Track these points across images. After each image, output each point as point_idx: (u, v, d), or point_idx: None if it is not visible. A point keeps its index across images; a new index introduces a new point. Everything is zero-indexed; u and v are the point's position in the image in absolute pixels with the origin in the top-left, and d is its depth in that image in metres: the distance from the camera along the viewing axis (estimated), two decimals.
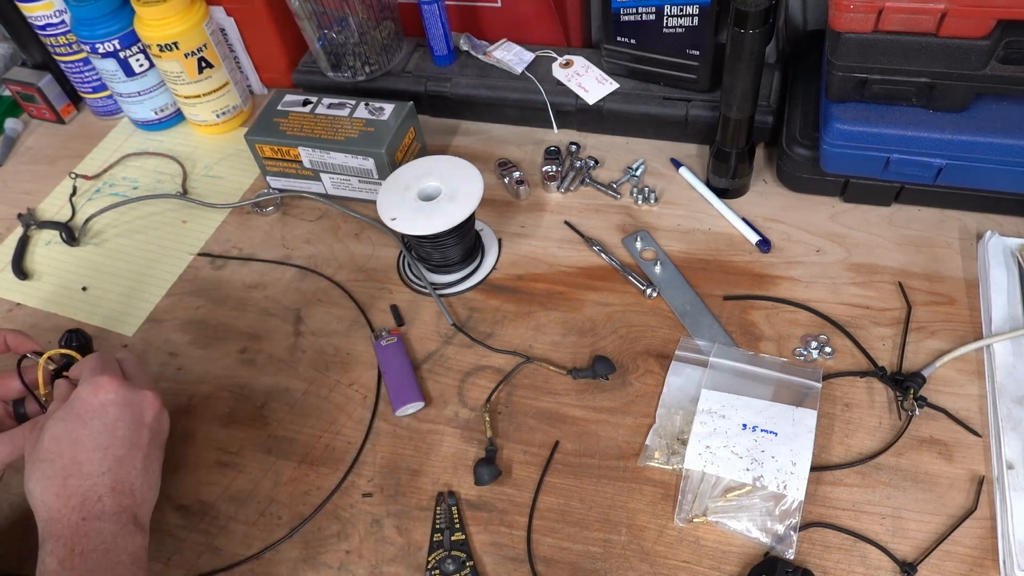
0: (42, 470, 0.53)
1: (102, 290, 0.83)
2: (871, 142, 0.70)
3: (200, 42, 0.88)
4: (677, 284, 0.74)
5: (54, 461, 0.53)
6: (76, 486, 0.52)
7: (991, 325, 0.66)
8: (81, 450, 0.53)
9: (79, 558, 0.50)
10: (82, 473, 0.53)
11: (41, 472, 0.53)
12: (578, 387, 0.68)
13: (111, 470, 0.53)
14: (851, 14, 0.62)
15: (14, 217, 0.91)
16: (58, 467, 0.53)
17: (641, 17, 0.80)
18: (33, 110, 1.02)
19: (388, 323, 0.75)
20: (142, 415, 0.57)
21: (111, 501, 0.53)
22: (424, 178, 0.73)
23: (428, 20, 0.87)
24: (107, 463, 0.54)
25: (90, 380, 0.56)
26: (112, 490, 0.53)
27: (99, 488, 0.53)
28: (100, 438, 0.54)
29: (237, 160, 0.93)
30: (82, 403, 0.55)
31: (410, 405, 0.68)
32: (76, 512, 0.52)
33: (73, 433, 0.54)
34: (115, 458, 0.54)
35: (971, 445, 0.62)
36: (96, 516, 0.52)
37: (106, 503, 0.52)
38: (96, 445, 0.54)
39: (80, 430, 0.54)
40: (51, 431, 0.54)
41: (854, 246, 0.75)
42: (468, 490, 0.64)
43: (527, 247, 0.79)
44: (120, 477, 0.54)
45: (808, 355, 0.68)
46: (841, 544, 0.58)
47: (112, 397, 0.55)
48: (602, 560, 0.59)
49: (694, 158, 0.85)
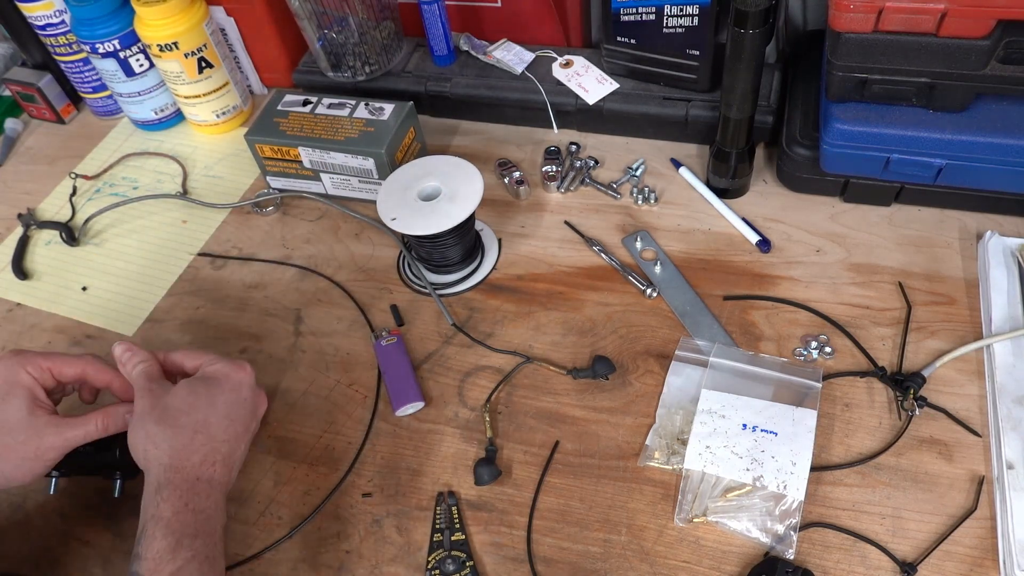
0: (175, 418, 0.56)
1: (102, 290, 0.83)
2: (871, 142, 0.70)
3: (200, 42, 0.88)
4: (677, 284, 0.74)
5: (189, 413, 0.56)
6: (201, 443, 0.55)
7: (991, 325, 0.66)
8: (213, 413, 0.57)
9: (191, 514, 0.52)
10: (209, 433, 0.56)
11: (173, 419, 0.55)
12: (578, 387, 0.68)
13: (229, 441, 0.57)
14: (851, 14, 0.62)
15: (14, 217, 0.91)
16: (192, 419, 0.56)
17: (641, 17, 0.80)
18: (33, 110, 1.02)
19: (388, 323, 0.75)
20: (258, 408, 0.61)
21: (221, 470, 0.56)
22: (424, 178, 0.73)
23: (428, 20, 0.87)
24: (230, 433, 0.57)
25: (230, 363, 0.60)
26: (224, 460, 0.56)
27: (216, 454, 0.56)
28: (232, 409, 0.58)
29: (237, 160, 0.93)
30: (224, 375, 0.59)
31: (410, 405, 0.68)
32: (196, 468, 0.54)
33: (212, 396, 0.57)
34: (235, 433, 0.57)
35: (971, 445, 0.62)
36: (207, 480, 0.55)
37: (217, 470, 0.55)
38: (227, 414, 0.57)
39: (219, 396, 0.58)
40: (190, 387, 0.58)
41: (854, 246, 0.75)
42: (468, 490, 0.64)
43: (527, 247, 0.79)
44: (233, 451, 0.57)
45: (808, 355, 0.68)
46: (841, 544, 0.58)
47: (249, 380, 0.60)
48: (602, 560, 0.59)
49: (694, 158, 0.85)
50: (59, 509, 0.66)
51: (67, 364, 0.61)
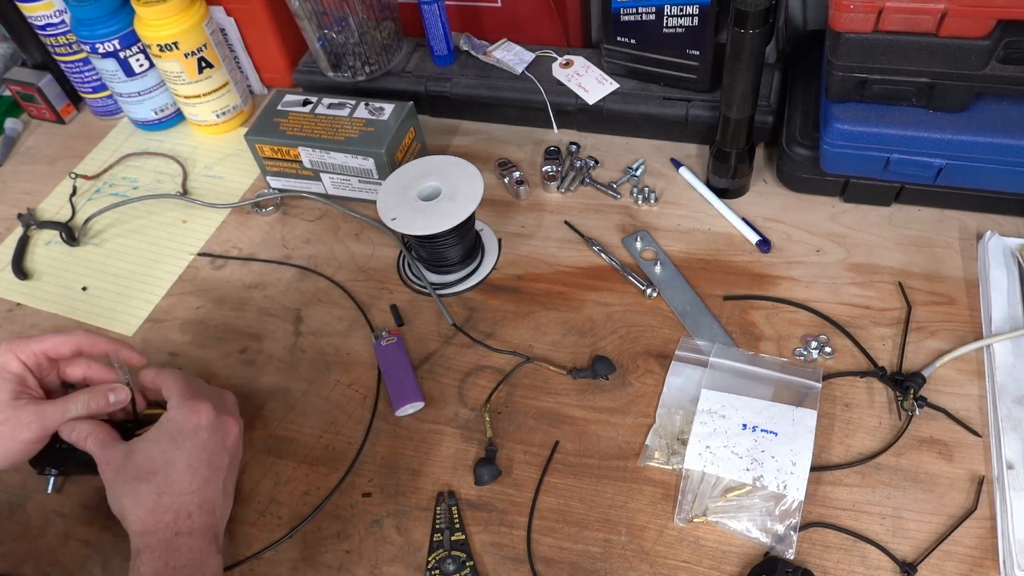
0: (135, 488, 0.56)
1: (102, 290, 0.83)
2: (871, 142, 0.70)
3: (200, 42, 0.88)
4: (677, 284, 0.74)
5: (148, 480, 0.56)
6: (169, 503, 0.55)
7: (991, 325, 0.66)
8: (173, 470, 0.56)
9: (172, 572, 0.53)
10: (174, 491, 0.56)
11: (135, 489, 0.56)
12: (578, 387, 0.68)
13: (199, 489, 0.57)
14: (851, 14, 0.62)
15: (14, 217, 0.91)
16: (152, 485, 0.56)
17: (641, 17, 0.80)
18: (33, 110, 1.02)
19: (388, 323, 0.75)
20: (225, 440, 0.60)
21: (199, 519, 0.56)
22: (424, 178, 0.73)
23: (428, 20, 0.87)
24: (196, 483, 0.57)
25: (185, 404, 0.59)
26: (200, 508, 0.56)
27: (189, 506, 0.56)
28: (191, 459, 0.57)
29: (237, 160, 0.93)
30: (176, 425, 0.58)
31: (410, 405, 0.68)
32: (169, 528, 0.55)
33: (167, 454, 0.57)
34: (203, 479, 0.57)
35: (971, 445, 0.62)
36: (187, 532, 0.55)
37: (195, 520, 0.56)
38: (187, 466, 0.57)
39: (173, 451, 0.57)
40: (144, 452, 0.57)
41: (854, 246, 0.75)
42: (468, 490, 0.64)
43: (527, 247, 0.79)
44: (206, 496, 0.57)
45: (808, 355, 0.68)
46: (841, 544, 0.58)
47: (204, 422, 0.59)
48: (602, 560, 0.59)
49: (694, 158, 0.85)
50: (59, 509, 0.66)
51: (61, 343, 0.62)
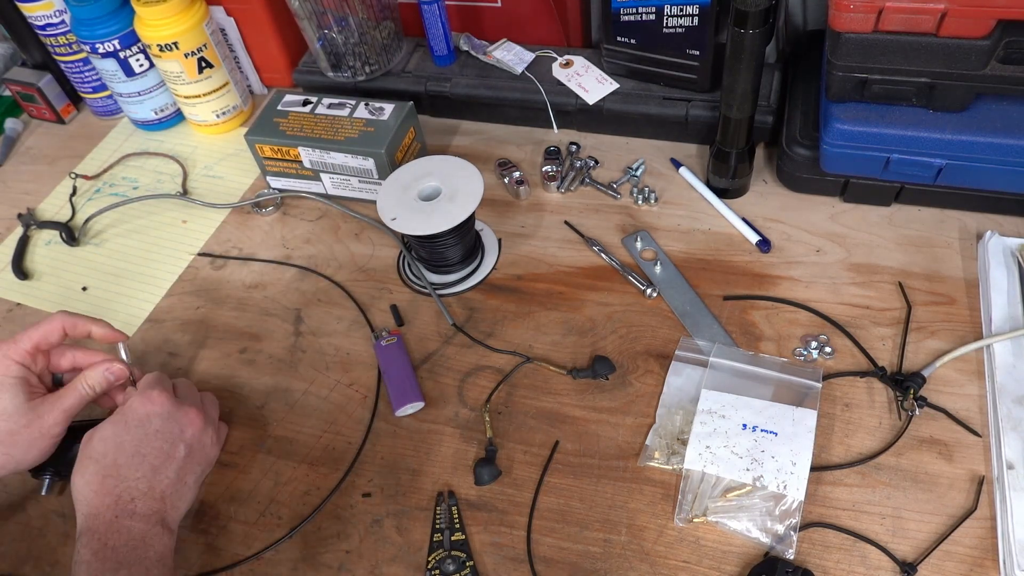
0: (86, 467, 0.58)
1: (102, 290, 0.83)
2: (871, 142, 0.70)
3: (200, 42, 0.88)
4: (677, 284, 0.74)
5: (98, 460, 0.58)
6: (112, 486, 0.57)
7: (991, 325, 0.66)
8: (121, 454, 0.58)
9: (110, 551, 0.54)
10: (119, 475, 0.57)
11: (85, 468, 0.58)
12: (578, 387, 0.68)
13: (145, 476, 0.58)
14: (851, 14, 0.62)
15: (14, 217, 0.91)
16: (100, 467, 0.58)
17: (641, 17, 0.80)
18: (33, 110, 1.02)
19: (388, 323, 0.75)
20: (182, 431, 0.61)
21: (143, 504, 0.57)
22: (424, 178, 0.73)
23: (428, 20, 0.87)
24: (143, 469, 0.58)
25: (142, 392, 0.61)
26: (145, 494, 0.57)
27: (132, 491, 0.57)
28: (140, 446, 0.59)
29: (237, 160, 0.93)
30: (131, 412, 0.60)
31: (410, 405, 0.68)
32: (111, 510, 0.56)
33: (118, 437, 0.59)
34: (151, 466, 0.58)
35: (971, 445, 0.62)
36: (128, 515, 0.56)
37: (138, 504, 0.57)
38: (135, 451, 0.58)
39: (124, 435, 0.59)
40: (100, 432, 0.59)
41: (854, 246, 0.75)
42: (468, 490, 0.64)
43: (527, 247, 0.79)
44: (153, 484, 0.58)
45: (808, 355, 0.68)
46: (841, 544, 0.58)
47: (157, 410, 0.60)
48: (602, 560, 0.59)
49: (694, 158, 0.85)
50: (59, 509, 0.66)
51: (48, 332, 0.63)
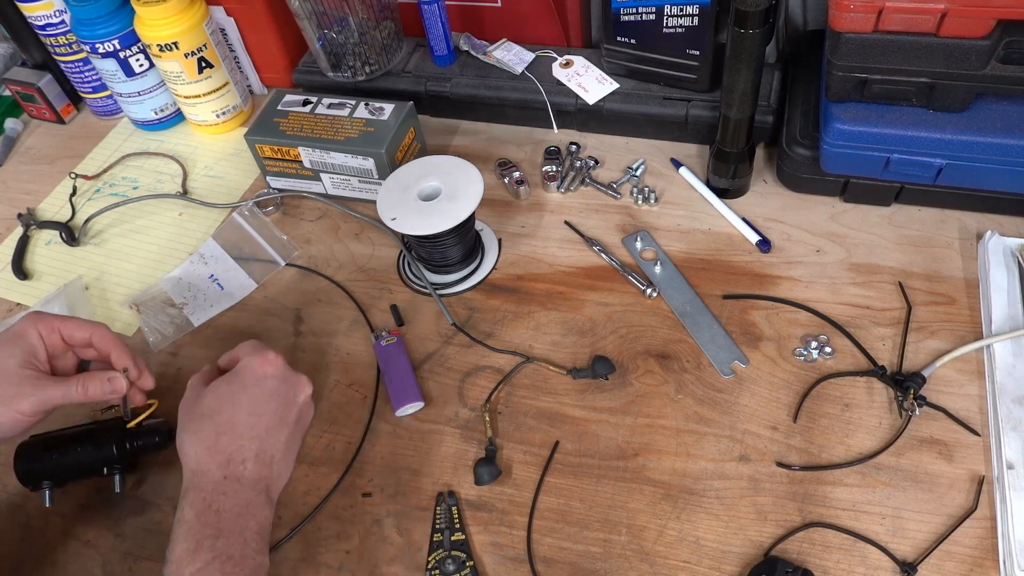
0: (199, 423, 0.57)
1: (102, 290, 0.83)
2: (871, 142, 0.70)
3: (200, 42, 0.88)
4: (677, 284, 0.74)
5: (212, 417, 0.57)
6: (227, 443, 0.56)
7: (991, 325, 0.66)
8: (238, 412, 0.57)
9: (214, 515, 0.53)
10: (234, 433, 0.56)
11: (198, 425, 0.57)
12: (578, 387, 0.68)
13: (259, 437, 0.57)
14: (851, 14, 0.62)
15: (14, 217, 0.91)
16: (215, 423, 0.57)
17: (641, 17, 0.80)
18: (33, 110, 1.02)
19: (388, 323, 0.75)
20: (296, 395, 0.61)
21: (253, 467, 0.56)
22: (424, 178, 0.73)
23: (428, 20, 0.87)
24: (257, 430, 0.57)
25: (258, 352, 0.61)
26: (256, 457, 0.56)
27: (245, 451, 0.56)
28: (256, 405, 0.58)
29: (237, 160, 0.93)
30: (248, 371, 0.60)
31: (410, 405, 0.68)
32: (221, 469, 0.55)
33: (234, 395, 0.58)
34: (265, 427, 0.57)
35: (971, 445, 0.62)
36: (236, 478, 0.55)
37: (248, 467, 0.56)
38: (251, 410, 0.58)
39: (241, 394, 0.58)
40: (215, 390, 0.59)
41: (854, 246, 0.75)
42: (468, 490, 0.64)
43: (527, 247, 0.79)
44: (265, 447, 0.57)
45: (808, 355, 0.68)
46: (841, 544, 0.58)
47: (274, 371, 0.60)
48: (602, 560, 0.59)
49: (694, 158, 0.85)
50: (59, 509, 0.66)
51: (78, 328, 0.63)
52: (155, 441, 0.65)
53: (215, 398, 0.58)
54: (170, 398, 0.71)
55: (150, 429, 0.65)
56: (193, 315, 0.78)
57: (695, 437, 0.64)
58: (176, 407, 0.70)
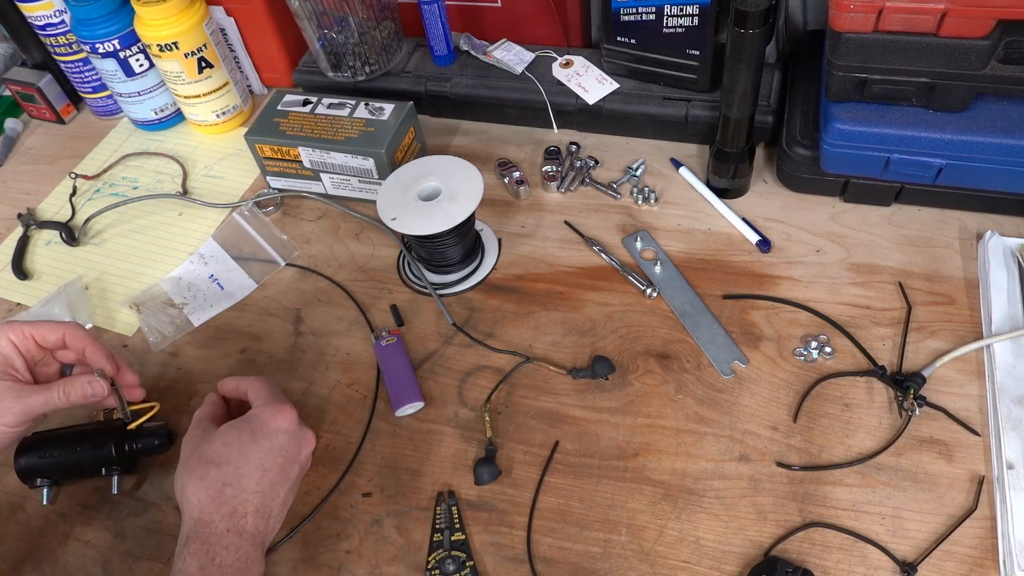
0: (205, 469, 0.56)
1: (102, 290, 0.83)
2: (871, 142, 0.70)
3: (200, 42, 0.88)
4: (677, 284, 0.74)
5: (220, 466, 0.56)
6: (231, 496, 0.55)
7: (991, 325, 0.66)
8: (245, 464, 0.56)
9: (217, 569, 0.52)
10: (239, 485, 0.55)
11: (204, 471, 0.56)
12: (578, 387, 0.68)
13: (262, 492, 0.56)
14: (851, 14, 0.62)
15: (14, 217, 0.91)
16: (222, 472, 0.55)
17: (641, 17, 0.80)
18: (33, 110, 1.02)
19: (388, 323, 0.75)
20: (300, 451, 0.59)
21: (253, 521, 0.55)
22: (424, 178, 0.73)
23: (428, 20, 0.87)
24: (263, 484, 0.56)
25: (273, 404, 0.59)
26: (256, 511, 0.55)
27: (248, 505, 0.55)
28: (265, 459, 0.57)
29: (237, 160, 0.93)
30: (261, 422, 0.58)
31: (410, 405, 0.68)
32: (224, 521, 0.54)
33: (244, 446, 0.57)
34: (270, 482, 0.57)
35: (971, 445, 0.62)
36: (238, 531, 0.54)
37: (249, 521, 0.55)
38: (259, 464, 0.56)
39: (251, 445, 0.57)
40: (224, 437, 0.57)
41: (854, 246, 0.75)
42: (468, 490, 0.64)
43: (527, 247, 0.79)
44: (266, 501, 0.56)
45: (808, 355, 0.68)
46: (841, 544, 0.58)
47: (288, 426, 0.59)
48: (602, 560, 0.59)
49: (694, 158, 0.85)
50: (59, 509, 0.66)
51: (50, 330, 0.62)
52: (155, 444, 0.65)
53: (224, 445, 0.57)
54: (170, 398, 0.71)
55: (150, 432, 0.65)
56: (193, 315, 0.78)
57: (695, 437, 0.64)
58: (176, 408, 0.71)
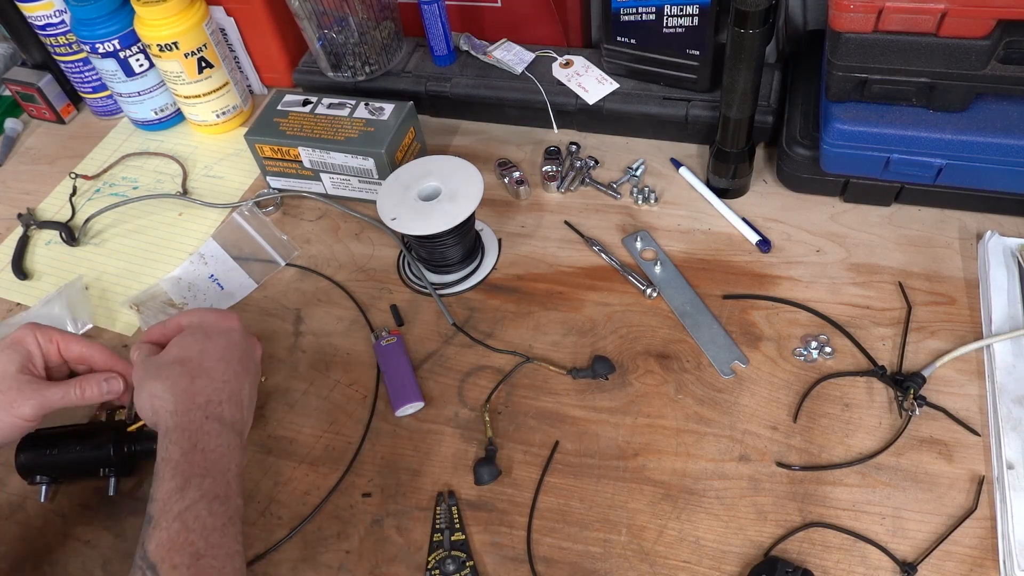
0: (171, 370, 0.58)
1: (102, 290, 0.83)
2: (871, 142, 0.70)
3: (200, 42, 0.88)
4: (677, 284, 0.74)
5: (184, 363, 0.58)
6: (203, 386, 0.57)
7: (991, 325, 0.66)
8: (207, 358, 0.59)
9: (200, 454, 0.54)
10: (208, 376, 0.58)
11: (170, 372, 0.57)
12: (578, 387, 0.68)
13: (230, 381, 0.58)
14: (851, 14, 0.62)
15: (14, 217, 0.91)
16: (187, 368, 0.58)
17: (641, 17, 0.80)
18: (33, 110, 1.02)
19: (388, 323, 0.75)
20: (252, 351, 0.63)
21: (229, 409, 0.57)
22: (424, 178, 0.73)
23: (428, 20, 0.87)
24: (228, 374, 0.59)
25: (215, 310, 0.63)
26: (230, 399, 0.58)
27: (220, 394, 0.57)
28: (224, 352, 0.60)
29: (237, 160, 0.93)
30: (211, 323, 0.62)
31: (410, 405, 0.68)
32: (202, 410, 0.56)
33: (200, 344, 0.60)
34: (234, 372, 0.59)
35: (971, 445, 0.62)
36: (217, 418, 0.56)
37: (225, 409, 0.57)
38: (220, 356, 0.59)
39: (207, 342, 0.60)
40: (178, 343, 0.60)
41: (854, 246, 0.75)
42: (468, 490, 0.64)
43: (527, 247, 0.79)
44: (236, 390, 0.58)
45: (808, 355, 0.68)
46: (841, 544, 0.58)
47: (236, 326, 0.62)
48: (602, 560, 0.59)
49: (694, 158, 0.85)
50: (59, 509, 0.66)
51: (74, 342, 0.63)
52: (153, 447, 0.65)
53: (181, 348, 0.59)
54: None
55: (150, 435, 0.65)
56: None
57: (695, 437, 0.64)
58: None
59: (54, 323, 0.77)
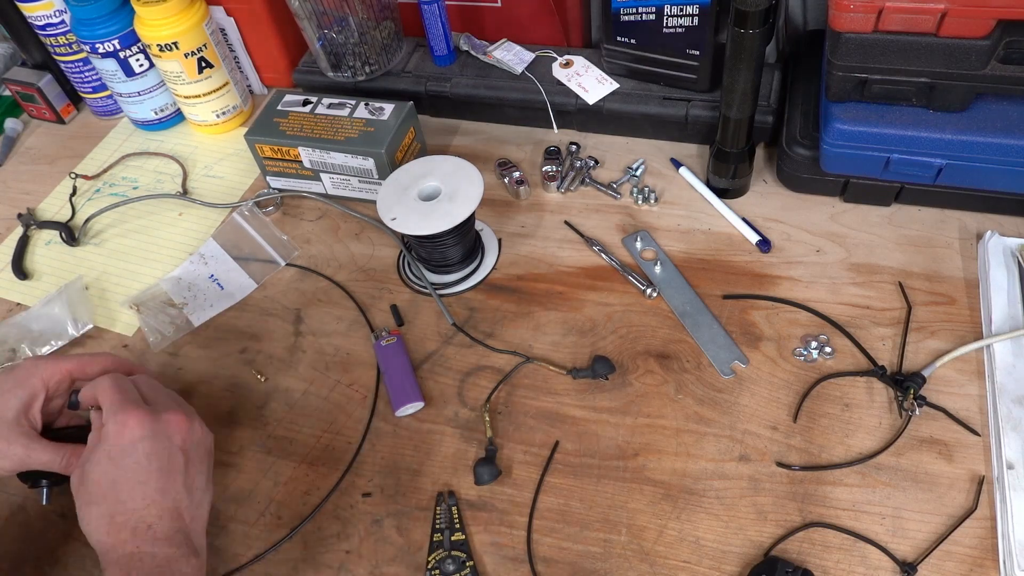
0: (90, 511, 0.55)
1: (102, 290, 0.83)
2: (871, 142, 0.70)
3: (200, 42, 0.88)
4: (677, 284, 0.74)
5: (99, 503, 0.54)
6: (123, 522, 0.53)
7: (991, 325, 0.66)
8: (121, 490, 0.54)
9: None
10: (127, 510, 0.54)
11: (89, 513, 0.55)
12: (578, 387, 0.68)
13: (155, 501, 0.54)
14: (851, 14, 0.62)
15: (14, 217, 0.91)
16: (104, 508, 0.54)
17: (641, 17, 0.80)
18: (33, 110, 1.02)
19: (388, 323, 0.75)
20: (171, 441, 0.56)
21: (161, 526, 0.54)
22: (424, 178, 0.73)
23: (428, 20, 0.87)
24: (149, 496, 0.54)
25: (114, 418, 0.56)
26: (159, 518, 0.54)
27: (147, 518, 0.54)
28: (137, 474, 0.54)
29: (237, 160, 0.93)
30: (111, 444, 0.55)
31: (410, 405, 0.68)
32: (128, 544, 0.53)
33: (109, 475, 0.55)
34: (156, 489, 0.54)
35: (971, 445, 0.62)
36: (149, 542, 0.53)
37: (156, 529, 0.53)
38: (135, 482, 0.54)
39: (115, 472, 0.55)
40: (91, 474, 0.55)
41: (854, 246, 0.75)
42: (468, 490, 0.64)
43: (527, 247, 0.79)
44: (165, 505, 0.54)
45: (808, 355, 0.68)
46: (841, 544, 0.58)
47: (139, 433, 0.55)
48: (602, 560, 0.59)
49: (694, 158, 0.85)
50: (59, 509, 0.66)
51: (89, 363, 0.62)
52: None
53: (94, 484, 0.55)
54: None
55: None
56: (193, 315, 0.78)
57: (695, 437, 0.64)
58: None
59: (54, 323, 0.77)
